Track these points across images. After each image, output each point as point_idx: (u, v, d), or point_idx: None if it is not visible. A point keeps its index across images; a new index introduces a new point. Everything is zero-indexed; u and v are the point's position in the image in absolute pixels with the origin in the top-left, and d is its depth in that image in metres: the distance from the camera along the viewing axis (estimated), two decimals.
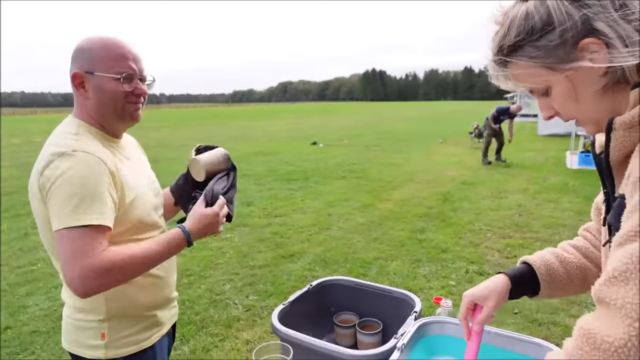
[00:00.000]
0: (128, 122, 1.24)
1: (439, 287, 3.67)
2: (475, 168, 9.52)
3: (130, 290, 1.20)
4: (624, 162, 0.70)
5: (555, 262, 1.00)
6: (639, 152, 0.65)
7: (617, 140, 0.69)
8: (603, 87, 0.69)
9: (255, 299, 3.57)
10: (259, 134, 19.77)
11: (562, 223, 5.28)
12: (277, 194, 7.31)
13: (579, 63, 0.68)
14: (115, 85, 1.15)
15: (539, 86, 0.75)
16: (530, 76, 0.73)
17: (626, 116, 0.67)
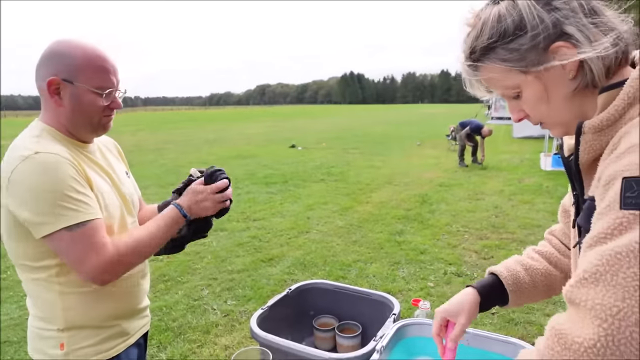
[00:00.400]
0: (99, 133, 1.23)
1: (418, 288, 3.70)
2: (452, 170, 9.67)
3: (89, 300, 1.16)
4: (593, 164, 0.71)
5: (521, 270, 1.02)
6: (607, 156, 0.66)
7: (587, 144, 0.70)
8: (573, 90, 0.71)
9: (234, 304, 3.53)
10: (237, 137, 19.63)
11: (537, 224, 5.41)
12: (256, 198, 7.26)
13: (550, 64, 0.69)
14: (94, 98, 1.13)
15: (511, 89, 0.75)
16: (501, 79, 0.74)
17: (595, 120, 0.68)
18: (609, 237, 0.57)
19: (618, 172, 0.59)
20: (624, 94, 0.66)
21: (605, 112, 0.67)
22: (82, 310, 1.16)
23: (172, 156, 13.06)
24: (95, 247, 1.05)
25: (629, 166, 0.58)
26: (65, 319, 1.14)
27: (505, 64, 0.72)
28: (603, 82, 0.70)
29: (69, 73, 1.10)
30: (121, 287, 1.23)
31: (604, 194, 0.61)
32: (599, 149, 0.69)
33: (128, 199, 1.30)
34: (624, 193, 0.57)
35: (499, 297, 1.01)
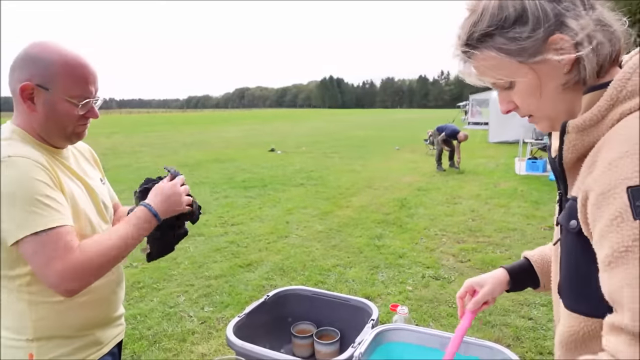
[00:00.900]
0: (73, 141, 1.19)
1: (397, 292, 3.71)
2: (430, 174, 9.79)
3: (61, 309, 1.12)
4: (576, 164, 0.72)
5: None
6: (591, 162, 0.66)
7: (570, 143, 0.71)
8: (564, 84, 0.71)
9: (211, 311, 3.46)
10: (215, 141, 19.43)
11: (512, 227, 5.51)
12: (234, 202, 7.18)
13: (547, 56, 0.68)
14: (70, 108, 1.10)
15: (504, 78, 0.74)
16: (496, 67, 0.73)
17: (578, 120, 0.69)
18: (631, 250, 0.56)
19: (617, 181, 0.58)
20: (608, 95, 0.66)
21: (588, 113, 0.68)
22: (54, 320, 1.11)
23: (148, 159, 12.82)
24: (60, 253, 1.00)
25: (629, 174, 0.57)
26: (34, 329, 1.09)
27: (502, 53, 0.71)
28: (593, 80, 0.70)
29: (45, 79, 1.06)
30: (96, 295, 1.19)
31: (604, 206, 0.60)
32: (582, 149, 0.69)
33: (102, 206, 1.26)
34: (633, 203, 0.56)
35: (530, 279, 1.04)
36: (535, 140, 10.77)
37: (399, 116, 57.96)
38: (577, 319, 0.74)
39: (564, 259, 0.78)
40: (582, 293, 0.72)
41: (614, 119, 0.65)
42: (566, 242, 0.76)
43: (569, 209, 0.73)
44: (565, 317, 0.78)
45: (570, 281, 0.76)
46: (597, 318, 0.69)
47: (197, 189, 8.28)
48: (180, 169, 1.44)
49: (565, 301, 0.78)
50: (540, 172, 9.33)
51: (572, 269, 0.75)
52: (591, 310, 0.71)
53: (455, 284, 3.85)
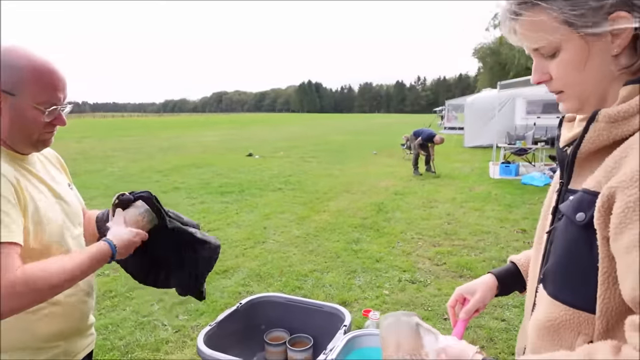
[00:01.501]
0: (39, 148, 1.16)
1: (374, 297, 3.72)
2: (407, 178, 9.90)
3: (28, 320, 1.08)
4: (591, 156, 0.71)
5: None
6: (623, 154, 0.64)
7: (595, 132, 0.69)
8: (609, 66, 0.68)
9: (185, 319, 3.40)
10: (192, 145, 19.19)
11: (486, 230, 5.62)
12: (210, 208, 7.10)
13: (605, 29, 0.65)
14: (37, 114, 1.07)
15: (552, 44, 0.70)
16: (546, 31, 0.69)
17: (612, 109, 0.67)
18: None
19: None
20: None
21: (625, 104, 0.66)
22: (21, 331, 1.07)
23: (122, 164, 12.56)
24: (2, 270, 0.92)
25: None
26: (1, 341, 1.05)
27: (559, 17, 0.67)
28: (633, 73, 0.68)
29: (12, 85, 1.03)
30: (65, 305, 1.16)
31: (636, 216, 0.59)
32: (606, 141, 0.68)
33: (72, 211, 1.23)
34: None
35: (517, 284, 1.05)
36: (508, 145, 11.04)
37: (376, 121, 58.49)
38: (559, 307, 0.74)
39: (558, 246, 0.77)
40: (572, 283, 0.72)
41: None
42: (566, 232, 0.74)
43: (578, 201, 0.71)
44: (545, 304, 0.78)
45: (560, 269, 0.76)
46: (580, 310, 0.70)
47: (172, 195, 8.15)
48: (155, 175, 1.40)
49: (550, 288, 0.77)
50: (513, 176, 9.55)
51: (567, 258, 0.74)
52: (576, 301, 0.71)
53: (431, 287, 3.90)
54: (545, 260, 0.82)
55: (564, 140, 0.82)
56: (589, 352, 0.62)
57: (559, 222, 0.77)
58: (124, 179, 9.91)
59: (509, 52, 26.11)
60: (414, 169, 10.36)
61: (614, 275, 0.64)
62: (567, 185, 0.78)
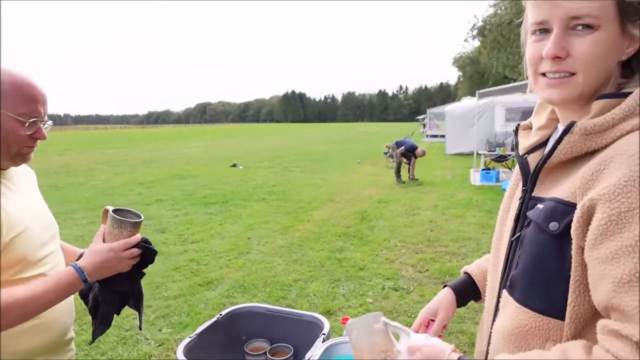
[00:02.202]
0: (17, 163, 1.16)
1: (357, 305, 3.75)
2: (390, 186, 9.99)
3: (4, 335, 1.07)
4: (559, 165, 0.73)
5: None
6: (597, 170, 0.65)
7: (569, 144, 0.70)
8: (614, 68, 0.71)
9: (169, 332, 3.37)
10: (176, 157, 19.03)
11: (468, 236, 5.70)
12: (194, 219, 7.05)
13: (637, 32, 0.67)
14: (17, 126, 1.07)
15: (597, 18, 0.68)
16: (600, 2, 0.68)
17: (588, 123, 0.67)
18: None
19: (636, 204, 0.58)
20: (626, 105, 0.66)
21: (600, 118, 0.66)
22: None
23: (104, 177, 12.38)
24: None
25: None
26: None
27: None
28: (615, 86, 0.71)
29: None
30: (42, 319, 1.15)
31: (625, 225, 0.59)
32: (578, 153, 0.69)
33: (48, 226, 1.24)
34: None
35: (472, 294, 1.08)
36: (488, 152, 11.25)
37: (360, 130, 58.89)
38: (527, 314, 0.74)
39: (526, 253, 0.77)
40: (541, 290, 0.73)
41: (625, 130, 0.64)
42: (535, 240, 0.74)
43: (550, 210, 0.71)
44: (512, 310, 0.78)
45: (528, 276, 0.76)
46: (549, 316, 0.71)
47: (155, 207, 8.07)
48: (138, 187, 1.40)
49: (517, 295, 0.78)
50: (493, 182, 9.72)
51: (535, 266, 0.74)
52: (545, 307, 0.72)
53: (414, 294, 3.94)
54: (509, 266, 0.83)
55: (523, 148, 0.85)
56: (562, 352, 0.64)
57: (526, 229, 0.78)
58: (106, 192, 9.78)
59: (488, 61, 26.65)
60: (397, 177, 10.47)
61: (585, 283, 0.66)
62: (531, 192, 0.79)
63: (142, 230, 4.09)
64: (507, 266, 0.83)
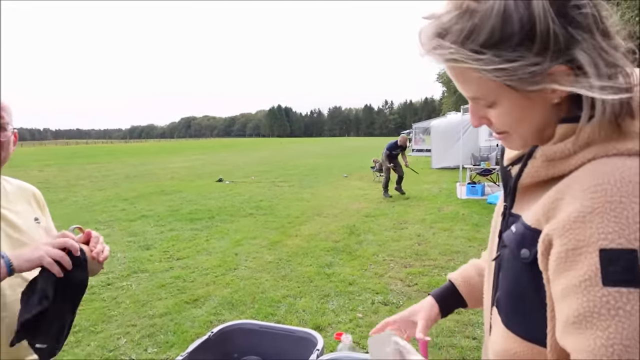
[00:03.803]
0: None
1: (347, 320, 3.71)
2: (378, 200, 10.02)
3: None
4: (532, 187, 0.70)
5: (474, 276, 1.06)
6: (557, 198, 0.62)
7: (533, 169, 0.68)
8: (550, 113, 0.65)
9: (154, 352, 3.28)
10: (160, 172, 18.83)
11: (456, 250, 5.73)
12: (180, 235, 6.95)
13: (545, 86, 0.60)
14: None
15: (484, 97, 0.66)
16: (480, 84, 0.64)
17: (549, 150, 0.65)
18: (597, 318, 0.53)
19: (591, 239, 0.55)
20: (586, 132, 0.61)
21: (561, 144, 0.63)
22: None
23: (86, 193, 12.17)
24: None
25: (603, 235, 0.54)
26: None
27: (492, 74, 0.60)
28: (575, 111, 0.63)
29: None
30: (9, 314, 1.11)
31: (574, 261, 0.56)
32: (544, 177, 0.67)
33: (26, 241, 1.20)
34: (603, 267, 0.53)
35: (458, 302, 1.05)
36: (473, 166, 11.40)
37: (346, 144, 59.24)
38: (512, 338, 0.72)
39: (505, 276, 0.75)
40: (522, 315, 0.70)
41: (586, 158, 0.61)
42: (511, 265, 0.72)
43: (521, 236, 0.68)
44: (500, 331, 0.76)
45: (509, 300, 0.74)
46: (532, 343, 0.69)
47: (140, 223, 7.94)
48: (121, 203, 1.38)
49: (503, 316, 0.76)
50: (479, 196, 9.83)
51: (514, 291, 0.73)
52: (527, 333, 0.69)
53: (404, 308, 3.91)
54: (495, 285, 0.81)
55: (508, 158, 0.81)
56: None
57: (503, 250, 0.76)
58: (88, 209, 9.60)
59: None
60: (384, 191, 10.52)
61: None
62: (511, 209, 0.77)
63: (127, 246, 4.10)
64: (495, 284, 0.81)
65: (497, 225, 0.83)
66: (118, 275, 5.00)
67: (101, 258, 1.21)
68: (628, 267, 0.52)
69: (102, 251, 1.23)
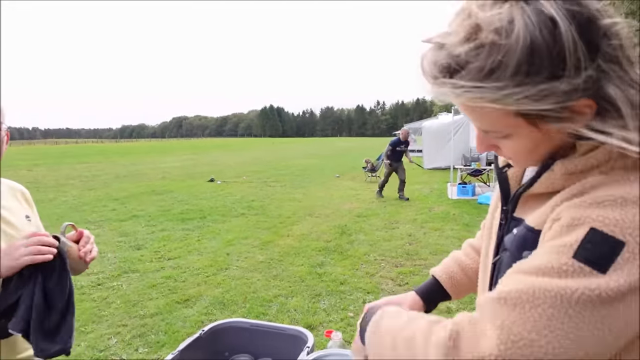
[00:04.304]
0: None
1: (338, 319, 3.73)
2: (369, 201, 10.06)
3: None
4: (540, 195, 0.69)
5: (457, 271, 1.08)
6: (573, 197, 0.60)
7: (549, 180, 0.66)
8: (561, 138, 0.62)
9: (145, 352, 3.27)
10: (151, 172, 18.71)
11: (446, 249, 5.77)
12: (171, 235, 6.92)
13: (568, 125, 0.56)
14: None
15: (502, 132, 0.63)
16: (499, 119, 0.60)
17: (570, 164, 0.62)
18: (546, 274, 0.54)
19: (588, 218, 0.54)
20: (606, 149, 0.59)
21: (584, 158, 0.61)
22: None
23: (76, 193, 12.06)
24: None
25: (601, 217, 0.54)
26: None
27: (514, 110, 0.56)
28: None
29: None
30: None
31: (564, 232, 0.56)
32: (559, 188, 0.64)
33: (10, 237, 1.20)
34: (583, 242, 0.53)
35: (441, 296, 1.07)
36: (464, 167, 11.49)
37: (338, 144, 59.29)
38: None
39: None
40: None
41: (605, 170, 0.59)
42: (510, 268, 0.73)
43: (522, 238, 0.68)
44: None
45: None
46: None
47: (131, 223, 7.89)
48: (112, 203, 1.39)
49: None
50: (469, 196, 9.91)
51: None
52: None
53: None
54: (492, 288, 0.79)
55: (503, 160, 0.80)
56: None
57: (503, 253, 0.75)
58: (78, 209, 9.51)
59: None
60: (379, 190, 10.44)
61: None
62: (512, 213, 0.76)
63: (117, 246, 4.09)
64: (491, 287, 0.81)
65: (494, 227, 0.83)
66: (108, 275, 4.97)
67: (88, 258, 1.23)
68: (606, 254, 0.52)
69: (90, 251, 1.24)
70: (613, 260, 0.51)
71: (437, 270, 1.11)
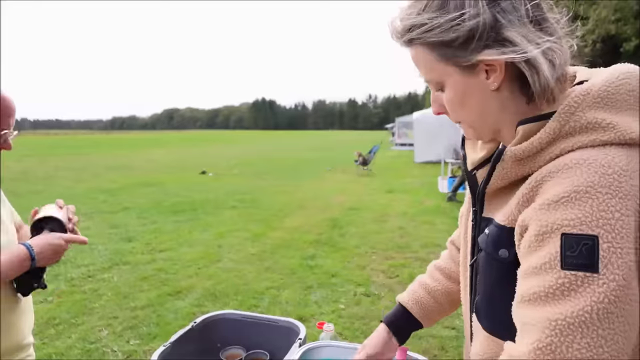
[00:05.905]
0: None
1: (330, 311, 3.76)
2: (361, 194, 10.09)
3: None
4: (502, 188, 0.71)
5: (424, 295, 1.07)
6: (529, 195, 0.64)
7: (503, 171, 0.69)
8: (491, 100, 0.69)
9: (137, 344, 3.28)
10: (143, 164, 18.57)
11: (437, 243, 5.83)
12: (162, 227, 6.89)
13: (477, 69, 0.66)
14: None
15: (435, 79, 0.72)
16: (428, 66, 0.70)
17: (517, 149, 0.66)
18: (551, 297, 0.56)
19: (555, 225, 0.57)
20: (550, 128, 0.63)
21: (527, 143, 0.64)
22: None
23: (66, 184, 11.94)
24: None
25: (567, 221, 0.56)
26: None
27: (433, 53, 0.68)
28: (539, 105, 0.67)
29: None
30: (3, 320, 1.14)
31: (538, 246, 0.59)
32: (514, 178, 0.68)
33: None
34: (564, 252, 0.56)
35: (412, 324, 1.06)
36: (454, 160, 11.54)
37: (330, 138, 59.27)
38: (496, 343, 0.73)
39: (483, 281, 0.76)
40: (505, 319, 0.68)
41: (554, 154, 0.63)
42: (489, 268, 0.73)
43: (496, 237, 0.70)
44: (482, 338, 0.77)
45: (490, 305, 0.75)
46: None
47: (121, 215, 7.85)
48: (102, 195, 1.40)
49: (484, 322, 0.76)
50: (460, 190, 9.97)
51: (495, 294, 0.73)
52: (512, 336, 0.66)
53: (385, 300, 3.99)
54: (473, 291, 0.82)
55: (471, 162, 0.81)
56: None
57: (479, 254, 0.76)
58: (68, 200, 9.36)
59: None
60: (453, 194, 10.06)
61: None
62: (481, 213, 0.77)
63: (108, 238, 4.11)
64: (472, 290, 0.82)
65: (468, 230, 0.84)
66: (99, 267, 4.95)
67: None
68: (587, 252, 0.55)
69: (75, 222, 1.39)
70: (598, 255, 0.54)
71: (403, 297, 1.10)
